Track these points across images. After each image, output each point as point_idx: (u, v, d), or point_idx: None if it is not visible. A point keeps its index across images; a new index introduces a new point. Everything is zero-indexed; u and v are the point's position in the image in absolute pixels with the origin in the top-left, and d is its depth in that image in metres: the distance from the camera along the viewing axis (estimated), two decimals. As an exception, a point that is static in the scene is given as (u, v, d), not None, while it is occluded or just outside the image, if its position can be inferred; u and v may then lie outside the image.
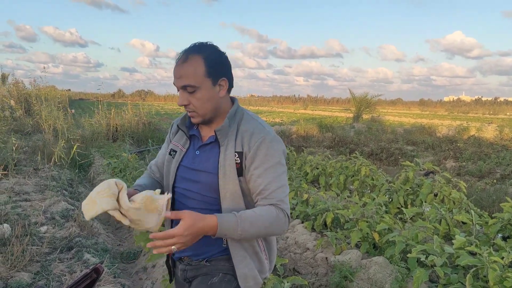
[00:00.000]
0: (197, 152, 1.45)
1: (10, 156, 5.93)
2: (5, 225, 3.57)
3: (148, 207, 1.23)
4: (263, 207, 1.34)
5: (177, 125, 1.52)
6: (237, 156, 1.37)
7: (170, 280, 1.63)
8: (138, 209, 1.23)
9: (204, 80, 1.34)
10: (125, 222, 1.24)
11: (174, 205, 1.51)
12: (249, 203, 1.42)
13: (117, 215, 1.22)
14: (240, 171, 1.38)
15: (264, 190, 1.34)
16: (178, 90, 1.38)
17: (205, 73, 1.33)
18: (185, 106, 1.37)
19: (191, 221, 1.19)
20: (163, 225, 1.44)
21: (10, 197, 4.69)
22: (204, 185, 1.40)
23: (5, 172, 5.69)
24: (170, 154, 1.52)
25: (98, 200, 1.21)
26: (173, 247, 1.18)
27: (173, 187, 1.49)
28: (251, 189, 1.39)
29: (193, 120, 1.41)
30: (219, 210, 1.40)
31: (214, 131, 1.40)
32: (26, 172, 6.01)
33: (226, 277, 1.43)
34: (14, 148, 6.00)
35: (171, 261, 1.60)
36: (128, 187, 1.37)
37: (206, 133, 1.47)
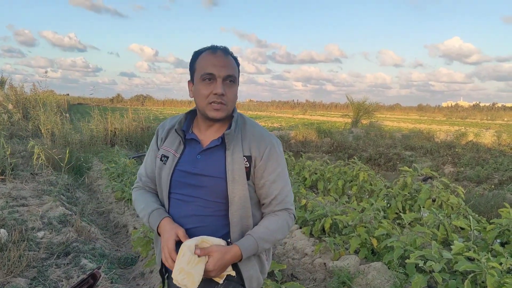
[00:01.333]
0: (199, 156, 1.42)
1: (7, 161, 5.91)
2: (2, 230, 3.55)
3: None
4: (274, 219, 1.43)
5: (174, 129, 1.47)
6: (246, 160, 1.39)
7: None
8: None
9: (238, 77, 1.43)
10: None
11: (169, 211, 1.47)
12: (255, 206, 1.45)
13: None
14: (248, 175, 1.39)
15: (279, 195, 1.43)
16: (209, 80, 1.36)
17: (238, 72, 1.43)
18: (220, 96, 1.35)
19: (220, 255, 1.29)
20: None
21: (7, 202, 4.67)
22: (209, 190, 1.39)
23: (2, 177, 5.67)
24: (161, 160, 1.48)
25: (193, 271, 1.26)
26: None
27: (169, 193, 1.46)
28: (262, 194, 1.43)
29: (217, 114, 1.37)
30: (225, 216, 1.39)
31: (223, 134, 1.39)
32: (23, 177, 5.99)
33: (231, 284, 1.41)
34: (8, 153, 5.97)
35: (165, 269, 1.54)
36: (130, 194, 1.42)
37: (205, 136, 1.45)
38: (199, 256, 1.27)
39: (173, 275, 1.27)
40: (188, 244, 1.28)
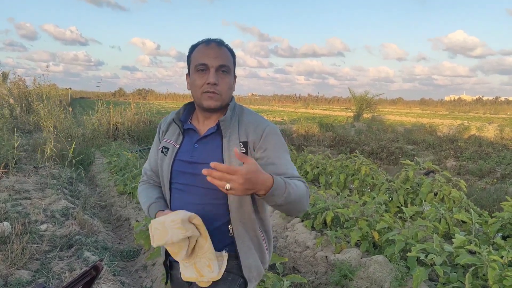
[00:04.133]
0: (196, 145, 1.44)
1: (10, 154, 5.93)
2: (5, 223, 3.57)
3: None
4: (293, 180, 1.31)
5: (173, 119, 1.51)
6: (242, 146, 1.39)
7: (166, 282, 1.61)
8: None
9: (232, 68, 1.44)
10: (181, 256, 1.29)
11: (171, 202, 1.49)
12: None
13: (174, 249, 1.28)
14: None
15: (288, 170, 1.36)
16: (202, 70, 1.38)
17: (233, 62, 1.45)
18: (213, 86, 1.37)
19: (255, 167, 1.11)
20: None
21: (10, 195, 4.69)
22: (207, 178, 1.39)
23: (6, 170, 5.70)
24: (162, 151, 1.51)
25: (169, 230, 1.23)
26: (227, 185, 1.07)
27: (170, 183, 1.48)
28: (269, 173, 1.35)
29: (212, 103, 1.39)
30: (225, 204, 1.41)
31: (218, 121, 1.41)
32: (26, 170, 6.02)
33: (230, 276, 1.43)
34: (16, 145, 6.00)
35: (169, 261, 1.58)
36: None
37: (203, 126, 1.47)
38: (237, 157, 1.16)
39: (152, 221, 1.28)
40: (186, 213, 1.29)
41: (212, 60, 1.37)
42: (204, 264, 1.32)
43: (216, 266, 1.33)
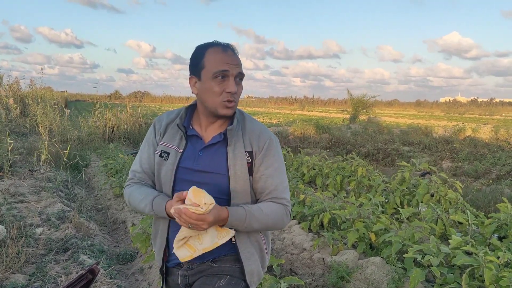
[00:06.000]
0: (201, 153, 1.40)
1: (5, 157, 5.89)
2: (0, 226, 3.55)
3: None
4: (271, 205, 1.40)
5: (176, 125, 1.44)
6: (248, 155, 1.39)
7: (161, 287, 1.58)
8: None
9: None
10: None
11: None
12: (255, 202, 1.44)
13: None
14: (250, 170, 1.39)
15: (275, 191, 1.41)
16: (221, 77, 1.34)
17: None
18: (233, 94, 1.35)
19: (217, 212, 1.27)
20: None
21: (5, 198, 4.66)
22: (212, 187, 1.36)
23: (1, 174, 5.66)
24: (161, 156, 1.43)
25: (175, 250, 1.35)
26: (190, 225, 1.24)
27: (172, 190, 1.41)
28: (258, 188, 1.42)
29: (229, 112, 1.37)
30: None
31: (226, 130, 1.39)
32: (21, 173, 5.98)
33: (233, 280, 1.42)
34: (10, 148, 5.96)
35: (166, 268, 1.53)
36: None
37: (206, 132, 1.44)
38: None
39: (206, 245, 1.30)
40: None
41: (232, 67, 1.34)
42: (194, 240, 1.32)
43: (207, 238, 1.31)
